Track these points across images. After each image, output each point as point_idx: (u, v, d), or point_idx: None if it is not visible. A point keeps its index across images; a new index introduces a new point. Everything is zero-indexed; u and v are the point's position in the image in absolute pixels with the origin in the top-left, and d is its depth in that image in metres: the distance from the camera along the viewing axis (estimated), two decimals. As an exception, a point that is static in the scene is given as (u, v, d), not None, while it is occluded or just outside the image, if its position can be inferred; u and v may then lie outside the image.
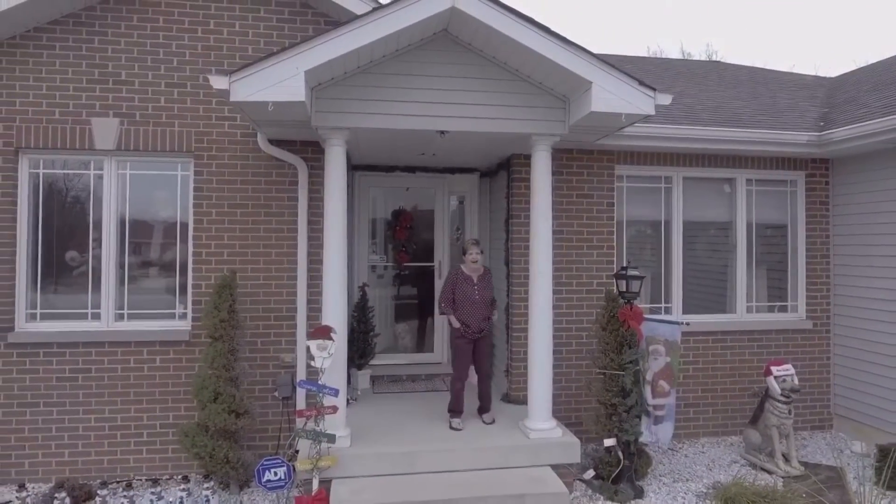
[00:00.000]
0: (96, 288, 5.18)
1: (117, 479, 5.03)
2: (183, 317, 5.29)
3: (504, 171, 5.97)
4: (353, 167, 6.56)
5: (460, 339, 5.06)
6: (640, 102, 4.34)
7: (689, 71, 9.11)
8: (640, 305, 5.92)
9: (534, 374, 4.79)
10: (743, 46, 33.42)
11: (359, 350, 6.10)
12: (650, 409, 4.85)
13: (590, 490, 4.79)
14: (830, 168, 6.30)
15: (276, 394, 5.24)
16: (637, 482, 4.80)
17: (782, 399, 5.13)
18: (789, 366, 5.22)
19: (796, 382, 5.16)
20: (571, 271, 5.76)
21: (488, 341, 5.22)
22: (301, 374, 5.22)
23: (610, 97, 4.28)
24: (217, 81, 3.94)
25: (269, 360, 5.28)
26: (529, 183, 5.00)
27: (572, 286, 5.75)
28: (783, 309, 6.31)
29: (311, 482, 4.18)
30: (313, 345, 4.26)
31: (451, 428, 4.95)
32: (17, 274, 5.05)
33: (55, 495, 4.33)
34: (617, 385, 4.76)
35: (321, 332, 4.30)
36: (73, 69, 5.12)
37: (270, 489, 4.21)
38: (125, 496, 4.44)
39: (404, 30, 4.13)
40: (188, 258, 5.25)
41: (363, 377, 6.15)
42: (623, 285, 4.84)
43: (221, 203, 5.24)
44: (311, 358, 4.29)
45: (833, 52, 32.86)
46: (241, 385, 4.96)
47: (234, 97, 3.94)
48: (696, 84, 7.88)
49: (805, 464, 5.30)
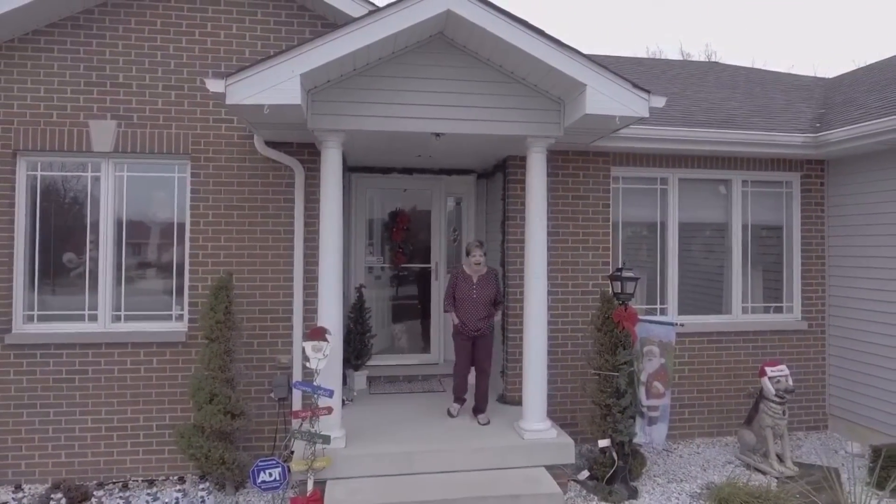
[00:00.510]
0: (93, 289, 5.20)
1: (114, 480, 5.05)
2: (180, 318, 5.31)
3: (500, 172, 5.99)
4: (349, 169, 6.58)
5: (458, 336, 5.24)
6: (635, 105, 4.36)
7: (687, 72, 9.13)
8: (636, 306, 5.95)
9: (528, 375, 4.81)
10: (742, 47, 33.49)
11: (355, 351, 6.12)
12: (644, 410, 4.87)
13: (584, 490, 4.81)
14: (826, 169, 6.33)
15: (272, 395, 5.26)
16: (631, 483, 4.82)
17: (776, 400, 5.15)
18: (784, 366, 5.24)
19: (790, 383, 5.18)
20: (567, 272, 5.78)
21: (488, 341, 5.26)
22: (297, 375, 5.24)
23: (604, 99, 4.30)
24: (213, 85, 3.96)
25: (266, 361, 5.30)
26: (525, 184, 5.02)
27: (568, 287, 5.77)
28: (778, 310, 6.34)
29: (306, 483, 4.21)
30: (308, 346, 4.29)
31: (448, 413, 5.32)
32: (14, 275, 5.07)
33: (51, 496, 4.36)
34: (611, 386, 4.78)
35: (316, 333, 4.32)
36: (71, 72, 5.14)
37: (265, 490, 4.23)
38: (121, 497, 4.46)
39: (400, 33, 4.15)
40: (185, 259, 5.28)
41: (360, 378, 6.18)
42: (618, 286, 4.86)
43: (218, 205, 5.27)
44: (306, 359, 4.32)
45: (832, 53, 32.93)
46: (237, 386, 4.98)
47: (230, 100, 3.96)
48: (693, 85, 7.91)
49: (799, 464, 5.32)
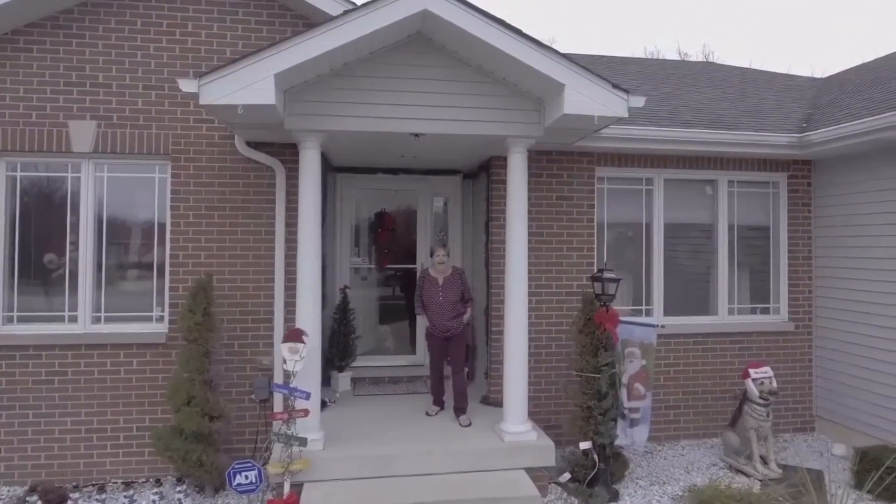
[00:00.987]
0: (73, 290, 5.18)
1: (93, 482, 5.03)
2: (160, 319, 5.28)
3: (485, 173, 5.96)
4: (334, 169, 6.55)
5: (431, 338, 5.32)
6: (614, 104, 4.33)
7: (680, 72, 9.09)
8: (621, 307, 5.94)
9: (509, 376, 4.78)
10: (740, 47, 33.43)
11: (339, 352, 6.09)
12: (626, 411, 4.84)
13: (565, 493, 4.78)
14: (812, 169, 6.29)
15: (253, 396, 5.24)
16: (613, 485, 4.79)
17: (760, 402, 5.11)
18: (767, 368, 5.20)
19: (774, 385, 5.14)
20: (551, 273, 5.74)
21: (460, 340, 5.31)
22: (278, 377, 5.20)
23: (583, 99, 4.27)
24: (186, 85, 3.94)
25: (247, 363, 5.27)
26: (506, 185, 4.98)
27: (552, 288, 5.74)
28: (765, 311, 6.30)
29: (283, 486, 4.18)
30: (285, 348, 4.26)
31: (426, 414, 5.35)
32: (-7, 276, 5.05)
33: (27, 499, 4.33)
34: (593, 388, 4.74)
35: (293, 335, 4.29)
36: (51, 72, 5.11)
37: (241, 493, 4.20)
38: (97, 499, 4.44)
39: (376, 33, 4.12)
40: (165, 260, 5.25)
41: (344, 379, 6.15)
42: (599, 287, 4.83)
43: (199, 205, 5.24)
44: (283, 361, 4.29)
45: (831, 52, 32.86)
46: (217, 388, 4.96)
47: (204, 100, 3.94)
48: (686, 85, 7.87)
49: (784, 466, 5.28)
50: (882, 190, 5.45)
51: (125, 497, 4.39)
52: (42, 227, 5.22)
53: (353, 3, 4.91)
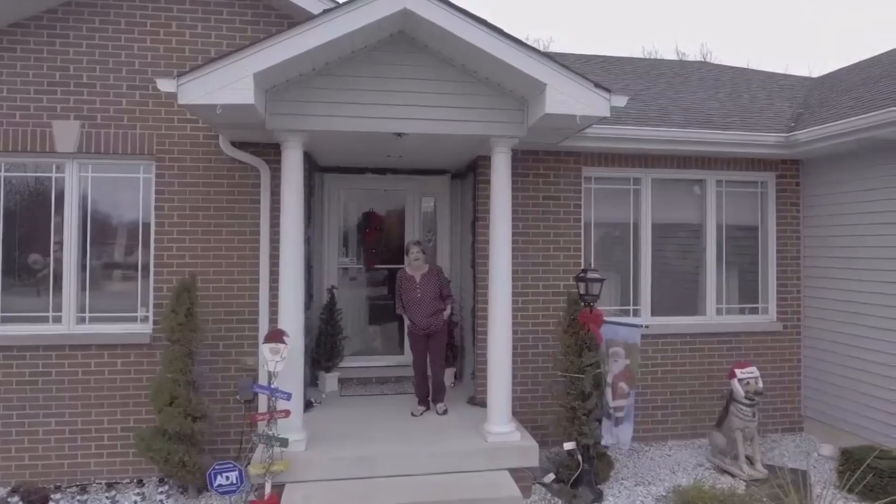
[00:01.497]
0: (58, 291, 5.17)
1: (77, 483, 5.01)
2: (145, 320, 5.27)
3: (472, 172, 5.95)
4: (322, 169, 6.54)
5: (412, 336, 5.43)
6: (596, 104, 4.32)
7: (673, 72, 9.06)
8: (609, 308, 5.93)
9: (493, 376, 4.77)
10: (738, 47, 33.40)
11: (326, 352, 6.08)
12: (611, 411, 4.82)
13: (549, 494, 4.77)
14: (801, 169, 6.27)
15: (237, 397, 5.23)
16: (597, 486, 4.78)
17: (746, 402, 5.09)
18: (753, 368, 5.18)
19: (760, 385, 5.12)
20: (538, 273, 5.73)
21: (441, 336, 5.41)
22: (263, 378, 5.18)
23: (564, 98, 4.25)
24: (164, 84, 3.93)
25: (231, 363, 5.26)
26: (490, 185, 4.96)
27: (539, 288, 5.72)
28: (754, 311, 6.28)
29: (265, 486, 4.17)
30: (266, 349, 4.25)
31: (412, 414, 5.35)
32: (-24, 277, 5.04)
33: (9, 500, 4.32)
34: (577, 388, 4.73)
35: (274, 336, 4.28)
36: (34, 72, 5.10)
37: (222, 494, 4.20)
38: (79, 500, 4.43)
39: (357, 32, 4.11)
40: (150, 260, 5.24)
41: (331, 379, 6.14)
42: (583, 288, 4.81)
43: (183, 206, 5.23)
44: (264, 362, 4.28)
45: (830, 53, 32.81)
46: (201, 388, 4.95)
47: (182, 100, 3.92)
48: (677, 85, 7.84)
49: (771, 467, 5.26)
50: (868, 189, 5.43)
51: (107, 498, 4.38)
52: (27, 227, 5.21)
53: (336, 3, 4.91)
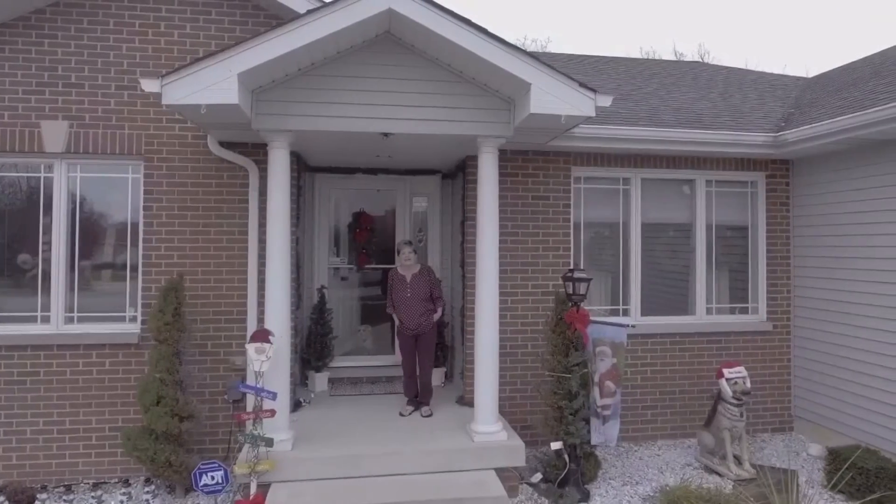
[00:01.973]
0: (46, 290, 5.17)
1: (65, 483, 5.02)
2: (133, 320, 5.27)
3: (462, 172, 5.95)
4: (312, 169, 6.55)
5: (401, 336, 5.42)
6: (581, 104, 4.32)
7: (666, 71, 9.06)
8: (599, 307, 5.94)
9: (480, 376, 4.76)
10: (736, 47, 33.40)
11: (316, 352, 6.09)
12: (599, 409, 4.82)
13: (536, 493, 4.77)
14: (791, 169, 6.28)
15: (226, 396, 5.23)
16: (584, 485, 4.78)
17: (734, 402, 5.09)
18: (741, 368, 5.18)
19: (748, 385, 5.12)
20: (527, 273, 5.73)
21: (429, 337, 5.40)
22: (251, 377, 5.19)
23: (549, 98, 4.25)
24: (148, 84, 3.93)
25: (220, 363, 5.26)
26: (477, 184, 4.97)
27: (528, 288, 5.72)
28: (744, 310, 6.28)
29: (250, 486, 4.17)
30: (251, 348, 4.26)
31: (400, 414, 5.34)
32: (-35, 277, 5.04)
33: (-5, 499, 4.33)
34: (564, 388, 4.73)
35: (259, 335, 4.29)
36: (23, 72, 5.11)
37: (208, 493, 4.20)
38: (65, 500, 4.43)
39: (341, 32, 4.11)
40: (138, 260, 5.24)
41: (321, 379, 6.14)
42: (570, 287, 4.81)
43: (172, 206, 5.23)
44: (249, 361, 4.28)
45: (829, 52, 32.81)
46: (188, 388, 4.95)
47: (167, 100, 3.93)
48: (670, 85, 7.85)
49: (759, 466, 5.26)
50: (856, 189, 5.44)
51: (93, 497, 4.39)
52: (16, 227, 5.21)
53: (323, 2, 4.91)
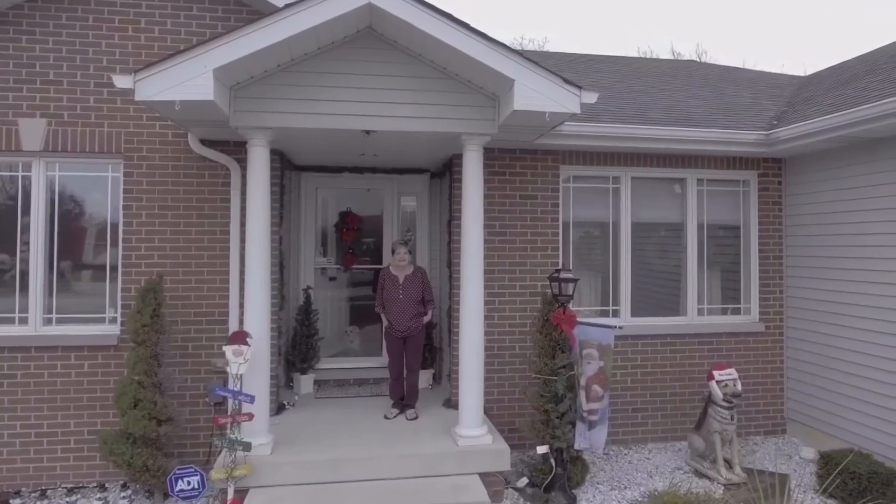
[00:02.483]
0: (24, 291, 5.07)
1: (42, 487, 4.93)
2: (113, 321, 5.17)
3: (449, 171, 5.86)
4: (298, 167, 6.45)
5: (389, 338, 5.31)
6: (566, 101, 4.23)
7: (660, 70, 9.00)
8: (588, 308, 5.85)
9: (464, 378, 4.67)
10: (734, 46, 33.33)
11: (301, 354, 5.99)
12: (585, 414, 4.73)
13: (522, 498, 4.67)
14: (783, 168, 6.19)
15: (207, 399, 5.14)
16: (571, 490, 4.68)
17: (724, 404, 5.00)
18: (732, 370, 5.09)
19: (739, 387, 5.03)
20: (515, 273, 5.64)
21: (418, 340, 5.31)
22: (230, 380, 5.10)
23: (533, 95, 4.16)
24: (120, 80, 3.84)
25: (201, 365, 5.17)
26: (462, 183, 4.87)
27: (515, 289, 5.63)
28: (736, 311, 6.19)
29: (227, 491, 4.08)
30: (229, 350, 4.17)
31: (385, 417, 5.23)
32: (-60, 277, 4.95)
33: (-33, 505, 4.23)
34: (550, 391, 4.64)
35: (236, 337, 4.20)
36: (0, 69, 5.02)
37: (184, 499, 4.11)
38: (39, 505, 4.33)
39: (320, 27, 4.02)
40: (118, 261, 5.15)
41: (306, 381, 6.04)
42: (556, 288, 4.72)
43: (152, 205, 5.14)
44: (226, 364, 4.19)
45: (827, 52, 32.72)
46: (168, 391, 4.86)
47: (140, 96, 3.84)
48: (663, 83, 7.76)
49: (750, 470, 5.17)
50: (848, 188, 5.35)
51: (67, 503, 4.28)
52: (-6, 227, 5.12)
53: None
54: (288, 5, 3.96)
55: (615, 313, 5.92)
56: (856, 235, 5.28)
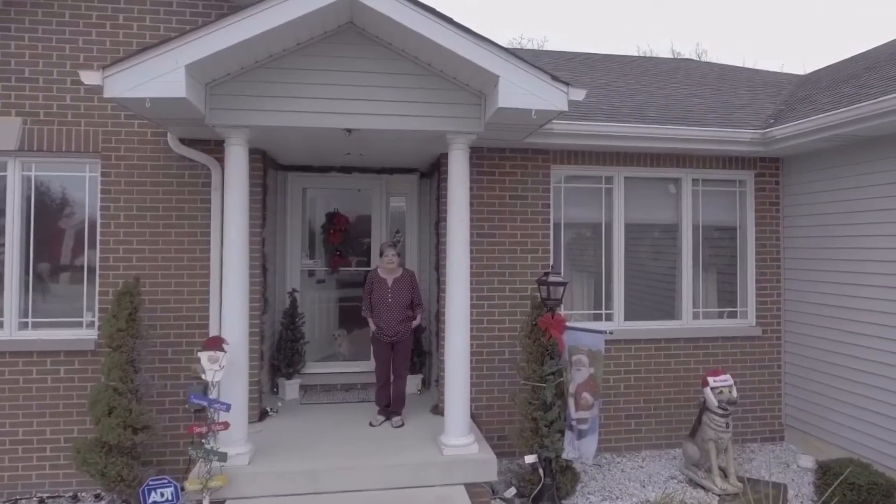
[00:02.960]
0: (-1, 295, 4.95)
1: (17, 497, 4.79)
2: (91, 325, 5.04)
3: (437, 171, 5.72)
4: (283, 167, 6.31)
5: (376, 342, 5.17)
6: (552, 98, 4.07)
7: (657, 68, 8.84)
8: (581, 311, 5.71)
9: (450, 386, 4.52)
10: (734, 45, 33.13)
11: (286, 359, 5.85)
12: (574, 423, 4.57)
13: (509, 509, 4.53)
14: (781, 168, 6.03)
15: (187, 406, 4.99)
16: (560, 500, 4.53)
17: (719, 412, 4.84)
18: (727, 377, 4.92)
19: (734, 394, 4.87)
20: (504, 276, 5.49)
21: (406, 345, 5.19)
22: (210, 386, 4.96)
23: (519, 92, 4.01)
24: (88, 77, 3.70)
25: (181, 371, 5.02)
26: (448, 183, 4.73)
27: (505, 292, 5.48)
28: (732, 315, 6.03)
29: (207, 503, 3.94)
30: (204, 357, 4.03)
31: (370, 424, 5.10)
32: (-88, 281, 4.81)
33: (-67, 516, 4.10)
34: (539, 398, 4.49)
35: (212, 343, 4.06)
36: (-26, 66, 4.89)
37: (157, 510, 3.96)
38: (9, 517, 4.19)
39: (298, 21, 3.87)
40: (96, 263, 5.01)
41: (291, 387, 5.90)
42: (545, 292, 4.57)
43: (130, 206, 5.00)
44: (202, 371, 4.05)
45: (827, 51, 32.50)
46: (145, 397, 4.71)
47: (109, 93, 3.70)
48: (659, 81, 7.61)
49: (747, 479, 5.01)
50: (846, 189, 5.19)
51: (39, 514, 4.16)
52: (-31, 228, 4.99)
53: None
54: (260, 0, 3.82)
55: (608, 317, 5.76)
56: (855, 237, 5.12)
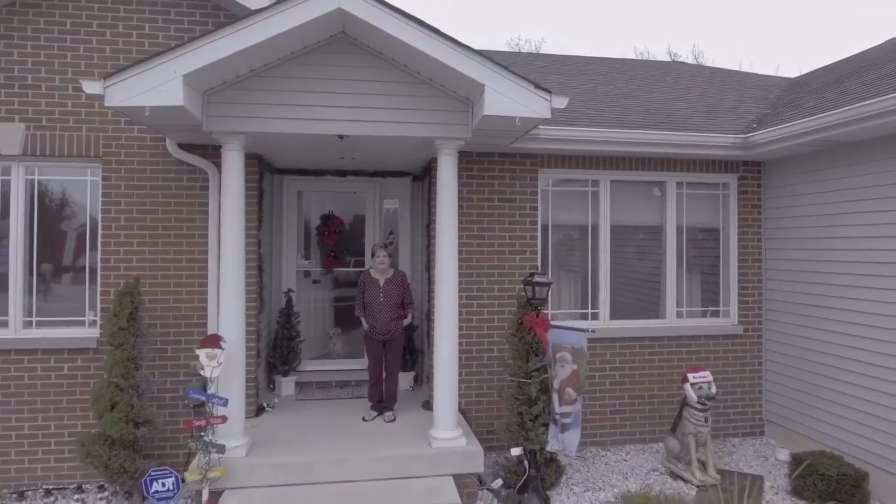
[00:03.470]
0: (4, 295, 5.10)
1: (23, 489, 4.97)
2: (93, 324, 5.21)
3: (428, 174, 5.89)
4: (279, 171, 6.49)
5: (369, 341, 5.35)
6: (536, 106, 4.25)
7: (647, 72, 9.00)
8: (568, 311, 5.89)
9: (439, 382, 4.71)
10: (731, 47, 33.29)
11: (282, 357, 6.03)
12: (558, 417, 4.76)
13: (496, 500, 4.71)
14: (763, 171, 6.21)
15: (186, 401, 5.17)
16: (545, 491, 4.72)
17: (699, 407, 5.03)
18: (706, 373, 5.12)
19: (713, 390, 5.06)
20: (493, 276, 5.67)
21: (398, 343, 5.36)
22: (208, 383, 5.13)
23: (503, 100, 4.19)
24: (90, 86, 3.87)
25: (180, 368, 5.20)
26: (436, 187, 4.90)
27: (494, 291, 5.66)
28: (715, 314, 6.22)
29: (206, 493, 4.12)
30: (202, 354, 4.20)
31: (363, 419, 5.28)
32: (-80, 281, 4.99)
33: (-57, 507, 4.28)
34: (524, 393, 4.68)
35: (210, 340, 4.23)
36: (-21, 73, 5.05)
37: (159, 500, 4.14)
38: (16, 507, 4.38)
39: (292, 33, 4.05)
40: (97, 264, 5.18)
41: (287, 384, 6.08)
42: (530, 291, 4.75)
43: (130, 209, 5.17)
44: (201, 367, 4.22)
45: (823, 53, 32.68)
46: (146, 393, 4.89)
47: (110, 102, 3.87)
48: (648, 85, 7.78)
49: (725, 472, 5.20)
50: (826, 192, 5.37)
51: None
52: (-26, 230, 5.16)
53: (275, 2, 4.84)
54: (257, 11, 3.99)
55: (594, 316, 5.95)
56: (832, 239, 5.30)
